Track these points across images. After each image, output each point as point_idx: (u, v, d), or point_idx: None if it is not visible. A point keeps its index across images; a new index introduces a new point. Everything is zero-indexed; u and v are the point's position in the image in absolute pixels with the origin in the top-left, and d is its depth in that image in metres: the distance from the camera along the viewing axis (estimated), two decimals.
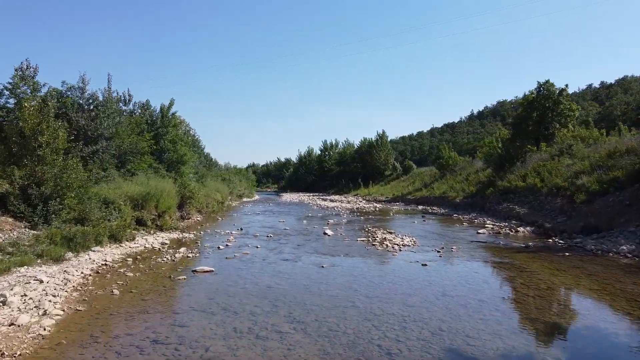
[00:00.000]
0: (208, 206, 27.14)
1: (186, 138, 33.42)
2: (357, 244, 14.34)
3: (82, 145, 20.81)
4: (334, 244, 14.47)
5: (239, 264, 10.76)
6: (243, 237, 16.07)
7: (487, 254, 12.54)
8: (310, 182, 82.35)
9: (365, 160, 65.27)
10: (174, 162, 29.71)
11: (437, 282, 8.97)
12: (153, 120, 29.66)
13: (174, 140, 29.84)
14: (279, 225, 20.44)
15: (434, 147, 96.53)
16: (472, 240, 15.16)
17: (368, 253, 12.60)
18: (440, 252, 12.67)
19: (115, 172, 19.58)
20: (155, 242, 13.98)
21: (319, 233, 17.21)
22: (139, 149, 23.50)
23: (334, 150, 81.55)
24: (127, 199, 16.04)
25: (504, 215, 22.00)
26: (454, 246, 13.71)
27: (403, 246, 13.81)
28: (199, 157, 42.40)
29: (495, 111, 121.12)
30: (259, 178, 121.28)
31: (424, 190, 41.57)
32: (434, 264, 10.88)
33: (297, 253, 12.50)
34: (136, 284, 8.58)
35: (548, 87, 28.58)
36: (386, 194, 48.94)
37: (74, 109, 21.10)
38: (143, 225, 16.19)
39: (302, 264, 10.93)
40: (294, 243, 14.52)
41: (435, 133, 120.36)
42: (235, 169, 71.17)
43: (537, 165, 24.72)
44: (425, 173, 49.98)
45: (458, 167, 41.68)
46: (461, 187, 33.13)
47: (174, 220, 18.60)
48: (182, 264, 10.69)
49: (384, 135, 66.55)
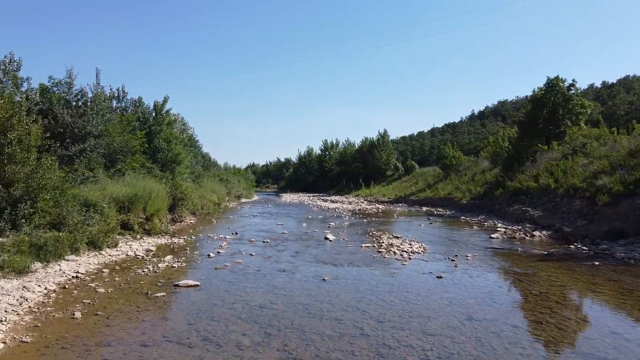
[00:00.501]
0: (203, 208, 25.86)
1: (181, 136, 32.16)
2: (361, 251, 13.06)
3: (69, 143, 19.64)
4: (337, 250, 13.19)
5: (230, 276, 9.48)
6: (237, 242, 14.79)
7: (507, 263, 11.26)
8: (311, 183, 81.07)
9: (367, 160, 64.01)
10: (169, 161, 28.52)
11: (458, 301, 7.68)
12: (146, 117, 28.43)
13: (168, 138, 28.62)
14: (276, 228, 19.17)
15: (434, 147, 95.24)
16: (487, 247, 13.88)
17: (374, 262, 11.32)
18: (454, 261, 11.38)
19: (102, 172, 18.34)
20: (140, 248, 12.70)
21: (319, 238, 15.94)
22: (129, 148, 22.27)
23: (335, 150, 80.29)
24: (111, 201, 14.78)
25: (516, 217, 20.71)
26: (469, 254, 12.43)
27: (412, 253, 12.53)
28: (195, 157, 41.17)
29: (496, 111, 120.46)
30: (259, 178, 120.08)
31: (427, 191, 40.28)
32: (451, 276, 9.60)
33: (296, 262, 11.22)
34: (105, 303, 7.29)
35: (558, 83, 27.30)
36: (388, 195, 47.66)
37: (60, 105, 19.89)
38: (129, 230, 14.90)
39: (300, 275, 9.64)
40: (293, 250, 13.24)
41: (436, 133, 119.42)
42: (233, 169, 69.92)
43: (549, 165, 23.44)
44: (428, 173, 48.68)
45: (463, 167, 40.42)
46: (467, 188, 31.85)
47: (164, 224, 17.33)
48: (165, 275, 9.41)
49: (386, 134, 65.32)
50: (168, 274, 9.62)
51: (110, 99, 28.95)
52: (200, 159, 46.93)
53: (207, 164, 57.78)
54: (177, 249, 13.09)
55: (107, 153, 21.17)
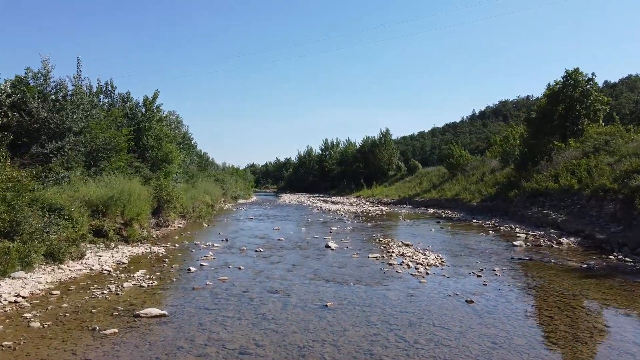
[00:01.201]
0: (194, 210, 24.02)
1: (173, 134, 30.30)
2: (369, 263, 11.20)
3: (45, 140, 17.85)
4: (340, 262, 11.33)
5: (208, 301, 7.61)
6: (226, 251, 12.93)
7: (542, 280, 9.38)
8: (311, 183, 79.20)
9: (368, 159, 62.12)
10: (159, 160, 26.71)
11: (504, 342, 5.78)
12: (134, 113, 26.61)
13: (159, 136, 26.80)
14: (272, 234, 17.31)
15: (435, 147, 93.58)
16: (514, 258, 12.02)
17: (386, 278, 9.46)
18: (481, 277, 9.54)
19: (80, 171, 16.54)
20: (110, 260, 10.84)
21: (320, 246, 14.09)
22: (114, 145, 20.44)
23: (335, 150, 78.39)
24: (83, 205, 12.94)
25: (536, 221, 18.85)
26: (496, 267, 10.57)
27: (429, 266, 10.68)
28: (189, 156, 39.34)
29: (497, 111, 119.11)
30: (259, 178, 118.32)
31: (433, 191, 38.40)
32: (483, 301, 7.74)
33: (292, 279, 9.35)
34: (32, 346, 5.44)
35: (576, 76, 25.43)
36: (391, 196, 45.78)
37: (35, 98, 18.08)
38: (104, 237, 13.05)
39: (297, 299, 7.76)
40: (289, 261, 11.38)
41: (437, 133, 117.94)
42: (231, 169, 67.99)
43: (569, 164, 21.60)
44: (433, 173, 46.74)
45: (469, 166, 38.54)
46: (477, 189, 29.97)
47: (145, 230, 15.48)
48: (127, 300, 7.55)
49: (388, 133, 63.42)
50: (132, 297, 7.75)
51: (97, 94, 27.21)
52: (196, 159, 45.13)
53: (205, 164, 55.95)
54: (154, 261, 11.23)
55: (90, 151, 19.39)
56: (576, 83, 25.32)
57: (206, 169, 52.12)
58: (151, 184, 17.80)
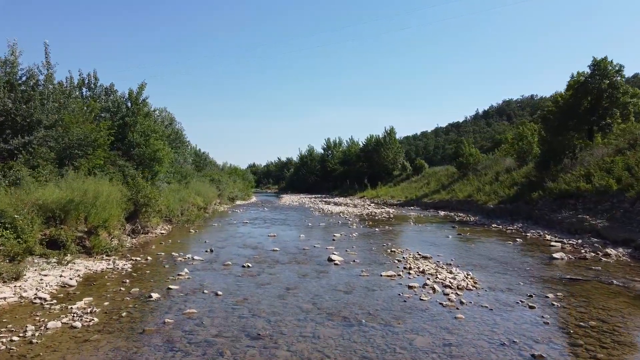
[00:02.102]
0: (183, 214, 21.71)
1: (162, 130, 27.98)
2: (383, 285, 8.85)
3: (10, 134, 15.69)
4: (346, 283, 8.97)
5: (156, 356, 5.28)
6: (207, 267, 10.59)
7: (621, 316, 7.02)
8: (312, 183, 76.87)
9: (372, 159, 59.66)
10: (147, 159, 24.45)
11: None
12: (117, 107, 24.36)
13: (146, 132, 24.56)
14: (266, 242, 14.96)
15: (439, 147, 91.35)
16: (562, 277, 9.64)
17: (409, 311, 7.10)
18: (535, 308, 7.19)
19: (46, 170, 14.32)
20: (54, 282, 8.50)
21: (321, 259, 11.74)
22: (91, 141, 18.20)
23: (338, 149, 75.98)
24: (34, 210, 10.64)
25: (568, 227, 16.45)
26: (549, 293, 8.20)
27: (460, 290, 8.33)
28: (183, 155, 37.06)
29: (501, 110, 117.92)
30: (260, 178, 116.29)
31: (442, 192, 35.99)
32: (555, 354, 5.38)
33: (283, 313, 6.99)
34: None
35: (604, 66, 23.01)
36: (397, 197, 43.36)
37: (0, 88, 15.90)
38: (61, 248, 10.73)
39: (286, 352, 5.41)
40: (282, 282, 9.03)
41: (440, 133, 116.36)
42: (230, 169, 65.69)
43: (601, 162, 19.20)
44: (441, 173, 44.23)
45: (481, 165, 36.14)
46: (492, 190, 27.54)
47: (116, 238, 13.16)
48: (41, 354, 5.22)
49: (392, 131, 60.95)
50: (51, 348, 5.39)
51: (79, 86, 24.94)
52: (191, 158, 42.91)
53: (203, 164, 53.77)
54: (112, 282, 8.89)
55: (63, 147, 17.16)
56: (604, 73, 22.90)
57: (204, 169, 49.90)
58: (128, 184, 15.50)
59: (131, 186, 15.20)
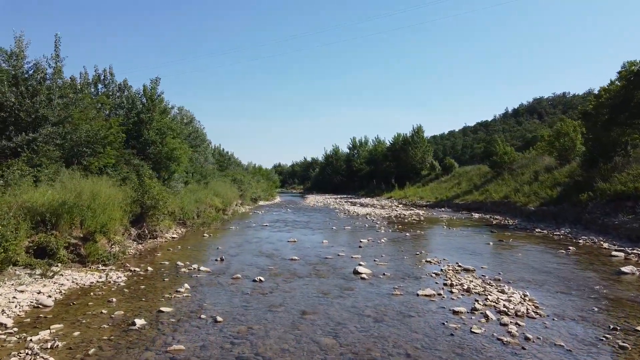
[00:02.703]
0: (199, 216, 20.41)
1: (180, 128, 26.82)
2: (421, 308, 7.19)
3: (12, 131, 14.65)
4: (376, 305, 7.34)
5: None
6: (212, 280, 9.12)
7: None
8: (338, 183, 75.22)
9: (400, 158, 57.60)
10: (163, 158, 23.32)
11: None
12: (132, 104, 23.28)
13: (162, 130, 23.43)
14: (285, 249, 13.44)
15: (467, 146, 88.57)
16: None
17: (458, 349, 5.44)
18: (627, 348, 5.46)
19: (51, 169, 13.18)
20: (27, 301, 7.12)
21: (346, 270, 10.15)
22: (100, 138, 17.10)
23: (364, 149, 74.11)
24: (21, 213, 9.38)
25: (628, 233, 14.42)
26: (638, 325, 6.43)
27: (519, 317, 6.62)
28: (203, 154, 35.97)
29: (531, 108, 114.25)
30: (285, 179, 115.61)
31: (475, 193, 33.87)
32: None
33: (294, 351, 5.38)
34: None
35: None
36: (426, 197, 41.34)
37: (4, 81, 14.86)
38: (52, 257, 9.44)
39: None
40: (298, 303, 7.46)
41: (468, 132, 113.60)
42: (253, 169, 64.66)
43: None
44: (472, 172, 42.00)
45: (517, 164, 33.89)
46: (531, 190, 25.38)
47: (118, 245, 11.82)
48: None
49: (420, 129, 58.72)
50: None
51: (94, 83, 23.97)
52: (212, 157, 41.87)
53: (227, 163, 52.81)
54: (97, 300, 7.48)
55: (71, 145, 16.09)
56: None
57: (227, 168, 48.88)
58: (131, 184, 14.23)
59: (137, 187, 13.86)
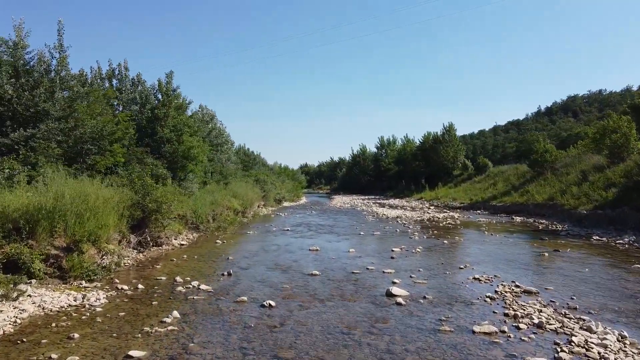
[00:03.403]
0: (215, 219, 18.79)
1: (197, 126, 25.34)
2: (482, 356, 5.25)
3: (9, 126, 13.37)
4: (420, 351, 5.39)
5: None
6: (211, 304, 7.34)
7: None
8: (365, 183, 73.07)
9: (430, 157, 55.06)
10: (180, 157, 21.91)
11: None
12: (145, 99, 21.94)
13: (178, 127, 22.02)
14: (305, 260, 11.59)
15: (498, 146, 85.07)
16: None
17: None
18: None
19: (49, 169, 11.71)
20: None
21: (377, 292, 8.25)
22: (105, 135, 15.75)
23: (392, 148, 71.73)
24: None
25: None
26: None
27: None
28: (225, 153, 34.52)
29: (565, 106, 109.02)
30: (312, 179, 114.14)
31: (514, 194, 31.30)
32: None
33: None
34: None
35: None
36: (460, 199, 38.91)
37: (3, 73, 13.59)
38: (21, 273, 7.86)
39: None
40: (314, 344, 5.55)
41: (499, 131, 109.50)
42: (278, 169, 63.14)
43: None
44: (509, 172, 39.19)
45: (560, 163, 31.24)
46: (582, 192, 22.86)
47: (110, 254, 10.20)
48: None
49: (452, 127, 56.05)
50: None
51: (108, 78, 22.75)
52: (235, 157, 40.46)
53: (251, 163, 51.48)
54: (53, 336, 5.78)
55: (74, 142, 14.73)
56: None
57: (252, 168, 47.49)
58: (131, 184, 12.61)
59: (138, 187, 12.25)
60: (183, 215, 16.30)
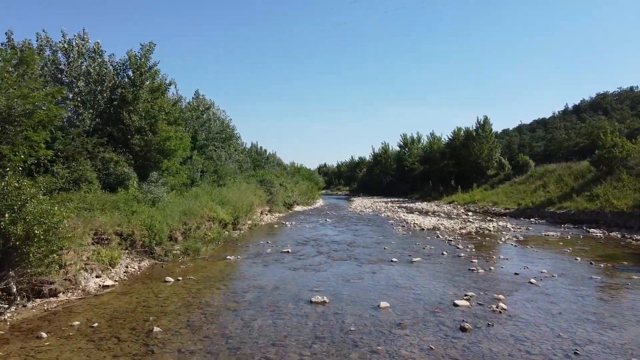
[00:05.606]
0: (188, 236, 13.41)
1: (177, 112, 20.01)
2: None
3: None
4: None
5: None
6: None
7: None
8: (387, 184, 67.11)
9: (460, 155, 48.91)
10: (153, 151, 16.78)
11: None
12: (104, 75, 16.82)
13: (151, 113, 16.93)
14: (298, 334, 6.07)
15: (524, 146, 78.66)
16: None
17: None
18: None
19: None
20: None
21: None
22: (25, 113, 10.74)
23: (416, 146, 65.60)
24: None
25: None
26: None
27: None
28: (228, 150, 29.24)
29: (595, 104, 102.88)
30: (330, 179, 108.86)
31: (577, 198, 25.11)
32: None
33: None
34: None
35: None
36: (502, 203, 32.79)
37: None
38: None
39: None
40: None
41: (524, 130, 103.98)
42: (293, 168, 57.70)
43: None
44: (561, 171, 32.83)
45: (634, 160, 25.18)
46: None
47: None
48: None
49: (487, 122, 49.82)
50: None
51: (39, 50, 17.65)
52: (243, 155, 35.21)
53: (263, 162, 46.38)
54: None
55: None
56: None
57: (263, 168, 42.38)
58: None
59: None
60: (130, 234, 10.95)
